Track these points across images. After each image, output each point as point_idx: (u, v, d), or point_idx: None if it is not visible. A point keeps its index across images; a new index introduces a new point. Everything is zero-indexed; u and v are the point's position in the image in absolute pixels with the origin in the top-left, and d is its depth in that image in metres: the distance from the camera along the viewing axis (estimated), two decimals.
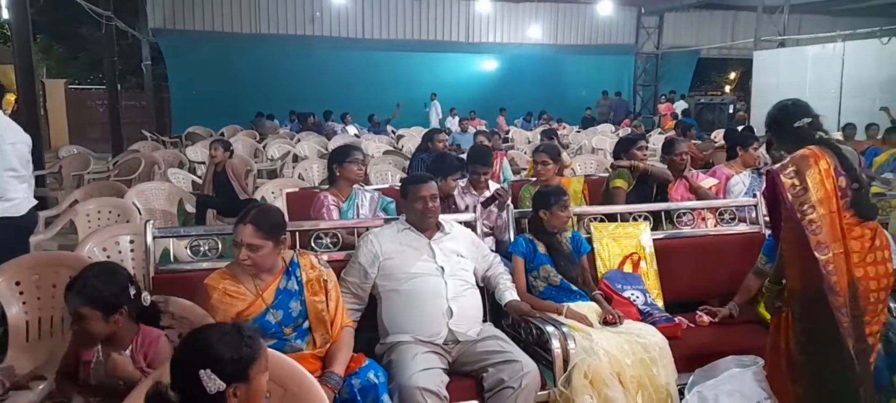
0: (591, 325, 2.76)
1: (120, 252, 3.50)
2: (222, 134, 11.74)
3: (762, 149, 5.39)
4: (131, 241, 3.51)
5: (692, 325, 3.02)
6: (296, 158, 8.71)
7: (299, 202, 4.05)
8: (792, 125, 2.46)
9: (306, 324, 2.40)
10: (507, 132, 13.14)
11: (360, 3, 16.12)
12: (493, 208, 3.66)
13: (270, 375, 1.65)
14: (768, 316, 2.97)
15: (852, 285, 2.29)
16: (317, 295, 2.43)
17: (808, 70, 12.69)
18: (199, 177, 7.27)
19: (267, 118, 13.59)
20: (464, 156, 5.33)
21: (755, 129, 11.44)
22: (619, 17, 17.94)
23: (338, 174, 3.55)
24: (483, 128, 12.83)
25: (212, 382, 1.46)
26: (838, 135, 8.61)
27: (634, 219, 3.53)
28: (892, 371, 2.63)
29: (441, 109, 15.17)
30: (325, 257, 2.78)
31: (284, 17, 15.84)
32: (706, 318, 3.03)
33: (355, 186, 3.63)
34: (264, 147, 9.83)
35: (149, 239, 2.79)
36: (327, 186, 3.70)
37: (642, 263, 3.33)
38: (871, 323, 2.37)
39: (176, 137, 12.70)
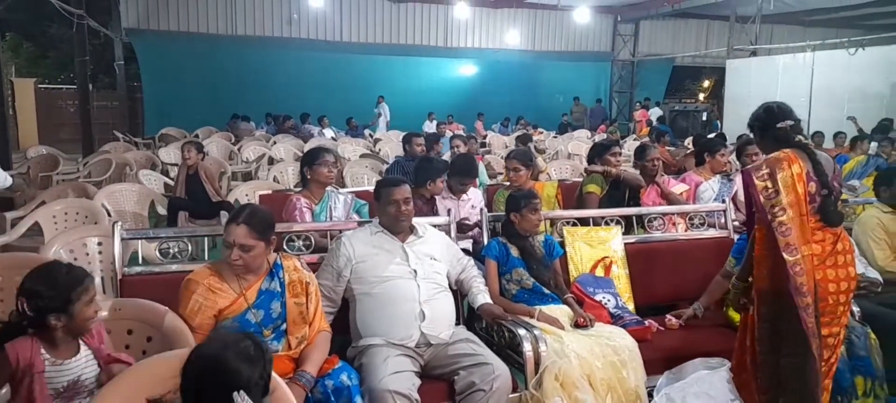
0: (562, 328, 2.79)
1: (87, 254, 3.44)
2: (197, 135, 11.59)
3: (733, 156, 5.50)
4: (99, 243, 3.46)
5: (662, 328, 3.06)
6: (271, 161, 8.64)
7: (273, 204, 4.00)
8: (775, 125, 2.51)
9: (284, 326, 2.39)
10: (485, 137, 13.19)
11: (338, 6, 16.06)
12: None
13: None
14: (736, 318, 3.03)
15: (815, 287, 2.36)
16: (297, 297, 2.42)
17: (778, 78, 12.98)
18: (172, 179, 7.18)
19: (242, 120, 13.45)
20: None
21: (727, 136, 11.69)
22: (595, 25, 18.14)
23: (309, 176, 3.56)
24: (460, 132, 12.90)
25: (244, 401, 1.45)
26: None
27: (606, 224, 3.57)
28: (854, 374, 2.70)
29: (389, 112, 14.91)
30: (305, 259, 2.76)
31: (261, 18, 15.72)
32: (675, 321, 3.07)
33: (328, 189, 3.62)
34: (239, 149, 9.73)
35: (117, 240, 2.74)
36: (300, 189, 3.69)
37: (614, 267, 3.37)
38: (830, 325, 2.43)
39: (149, 139, 12.50)
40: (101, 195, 4.93)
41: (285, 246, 2.97)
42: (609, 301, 3.16)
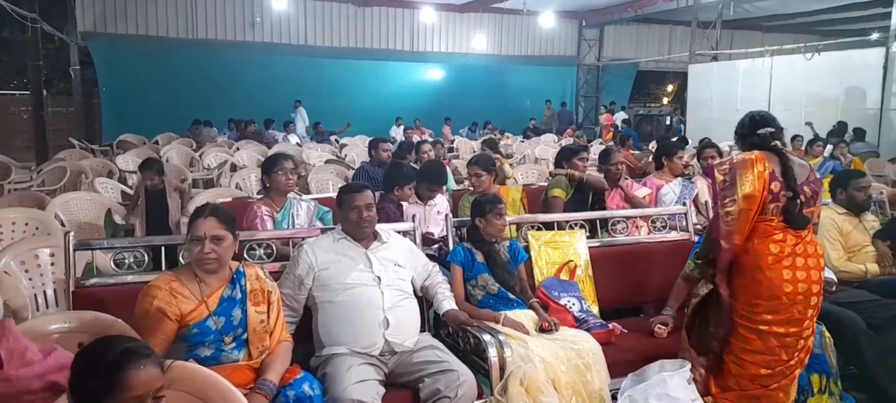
0: (527, 333, 2.79)
1: (39, 265, 3.31)
2: (156, 142, 11.34)
3: (694, 159, 5.60)
4: (52, 255, 3.33)
5: (625, 331, 3.08)
6: (234, 167, 8.49)
7: (233, 212, 3.93)
8: (755, 132, 2.66)
9: (245, 336, 2.33)
10: (453, 141, 13.21)
11: (302, 10, 15.90)
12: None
13: (193, 389, 1.59)
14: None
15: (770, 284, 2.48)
16: (259, 305, 2.38)
17: (739, 83, 13.31)
18: (130, 187, 7.00)
19: (204, 125, 13.22)
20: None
21: (690, 139, 11.92)
22: (561, 30, 18.33)
23: (267, 184, 3.51)
24: (427, 137, 12.89)
25: None
26: None
27: (571, 228, 3.59)
28: (810, 371, 2.76)
29: (307, 117, 14.61)
30: (267, 268, 2.72)
31: (223, 21, 15.46)
32: (664, 329, 3.05)
33: (290, 195, 3.56)
34: (201, 156, 9.53)
35: (68, 251, 2.65)
36: (261, 196, 3.62)
37: (578, 270, 3.39)
38: (787, 324, 2.49)
39: (106, 145, 12.16)
40: (54, 204, 4.76)
41: (246, 255, 2.91)
42: (574, 304, 3.17)
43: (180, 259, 2.74)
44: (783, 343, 2.51)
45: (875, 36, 13.61)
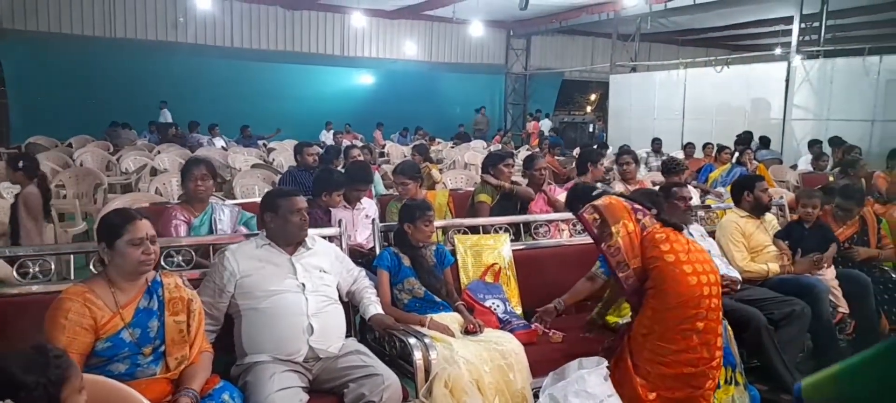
0: (452, 335, 2.83)
1: None
2: (70, 144, 10.75)
3: (614, 165, 5.84)
4: None
5: (546, 332, 3.18)
6: (155, 172, 8.16)
7: (150, 217, 3.78)
8: (585, 201, 2.95)
9: (162, 347, 2.26)
10: (384, 146, 13.18)
11: (228, 11, 15.45)
12: None
13: None
14: (613, 321, 3.23)
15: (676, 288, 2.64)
16: (178, 315, 2.30)
17: (656, 93, 13.95)
18: None
19: (123, 127, 12.62)
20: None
21: (611, 146, 12.38)
22: (489, 38, 18.64)
23: (182, 190, 3.40)
24: (358, 142, 12.80)
25: None
26: (680, 153, 9.53)
27: (495, 231, 3.68)
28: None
29: (171, 118, 14.09)
30: (186, 276, 2.64)
31: (143, 20, 14.81)
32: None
33: (212, 201, 3.47)
34: (118, 159, 9.11)
35: None
36: (180, 201, 3.51)
37: (502, 273, 3.47)
38: (705, 318, 2.68)
39: (14, 147, 11.39)
40: None
41: (164, 262, 2.82)
42: (498, 306, 3.25)
43: (91, 267, 2.63)
44: (704, 340, 2.68)
45: (778, 51, 14.61)
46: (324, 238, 3.06)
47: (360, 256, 3.76)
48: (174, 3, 14.91)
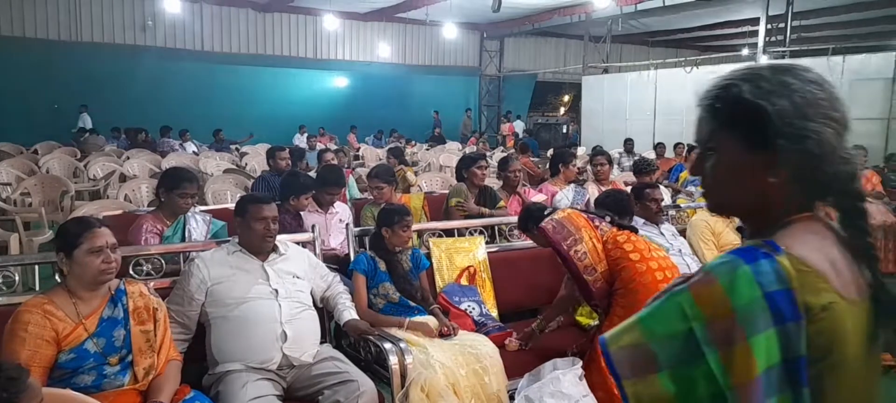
0: (432, 334, 2.83)
1: None
2: (35, 151, 10.48)
3: (587, 165, 5.90)
4: None
5: (520, 344, 3.16)
6: (123, 178, 8.00)
7: (120, 226, 3.71)
8: (541, 214, 2.97)
9: (129, 357, 2.22)
10: (358, 150, 13.12)
11: (198, 14, 15.24)
12: None
13: None
14: (586, 322, 3.26)
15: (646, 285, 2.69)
16: (144, 324, 2.27)
17: (627, 93, 14.13)
18: (5, 202, 6.45)
19: (90, 133, 12.35)
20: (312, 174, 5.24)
21: (584, 146, 12.50)
22: (463, 40, 18.69)
23: (163, 199, 3.31)
24: (332, 145, 12.73)
25: None
26: (652, 153, 9.66)
27: (470, 234, 3.69)
28: None
29: (90, 122, 13.53)
30: (151, 285, 2.60)
31: (110, 23, 14.52)
32: (515, 343, 3.06)
33: None
34: (86, 166, 8.91)
35: None
36: (152, 209, 3.44)
37: (478, 276, 3.48)
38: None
39: None
40: None
41: (132, 271, 2.77)
42: (473, 309, 3.26)
43: (57, 278, 2.56)
44: None
45: (745, 51, 14.89)
46: (297, 243, 3.03)
47: (334, 262, 3.74)
48: (143, 5, 14.66)
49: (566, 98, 21.64)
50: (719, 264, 0.86)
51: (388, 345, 2.66)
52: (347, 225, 3.57)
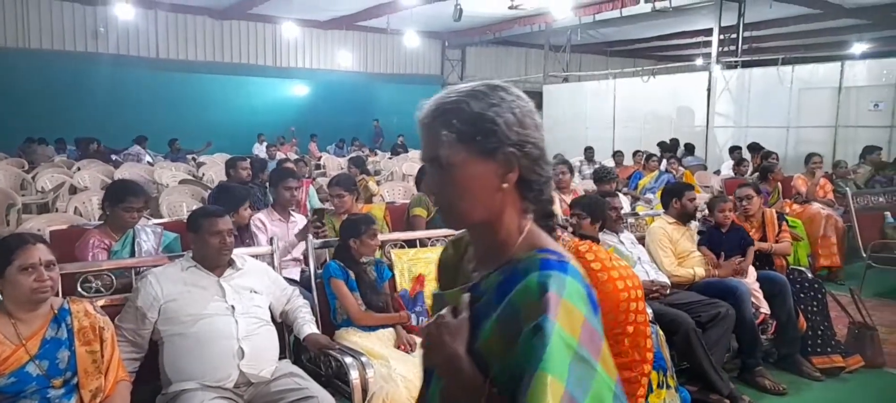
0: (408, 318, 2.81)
1: None
2: None
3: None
4: None
5: None
6: (74, 190, 7.72)
7: (67, 241, 3.57)
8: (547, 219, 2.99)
9: (75, 380, 2.12)
10: (320, 159, 12.97)
11: (153, 20, 14.86)
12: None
13: None
14: None
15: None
16: (90, 344, 2.17)
17: (587, 102, 14.33)
18: None
19: (38, 143, 11.91)
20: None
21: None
22: (425, 49, 18.72)
23: (108, 213, 3.19)
24: (293, 154, 12.55)
25: None
26: (610, 161, 9.81)
27: (433, 244, 3.67)
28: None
29: None
30: (100, 302, 2.50)
31: (61, 30, 14.04)
32: None
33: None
34: (34, 177, 8.57)
35: None
36: (100, 224, 3.31)
37: (426, 281, 3.44)
38: (635, 322, 2.74)
39: None
40: None
41: (80, 288, 2.66)
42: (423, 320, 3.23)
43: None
44: (634, 342, 2.75)
45: (700, 62, 15.31)
46: (255, 257, 2.96)
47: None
48: (94, 12, 14.22)
49: None
50: (549, 280, 0.91)
51: (349, 360, 2.62)
52: (308, 237, 3.51)
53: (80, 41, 14.25)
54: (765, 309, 3.89)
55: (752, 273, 4.01)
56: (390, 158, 13.07)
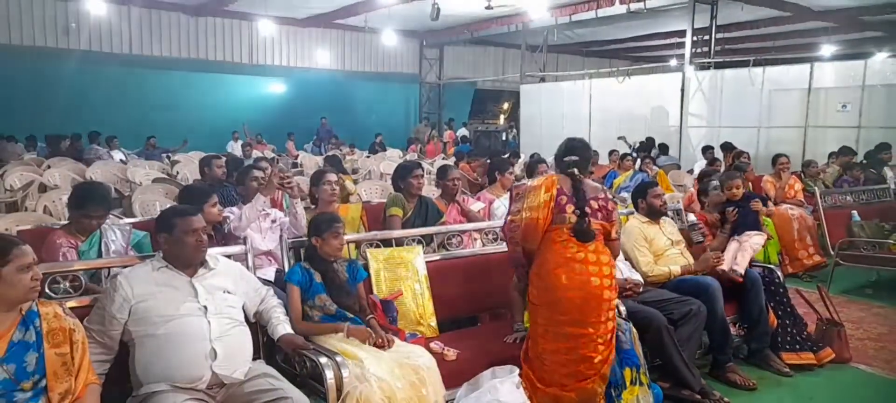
0: (374, 342, 2.78)
1: None
2: None
3: (524, 173, 5.98)
4: None
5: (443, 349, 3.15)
6: (43, 188, 7.55)
7: (36, 241, 3.49)
8: (563, 158, 3.11)
9: (44, 382, 2.08)
10: (297, 157, 12.88)
11: (126, 16, 14.58)
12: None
13: None
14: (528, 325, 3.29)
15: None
16: (60, 347, 2.13)
17: (564, 102, 14.43)
18: None
19: (7, 141, 11.66)
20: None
21: (522, 153, 12.68)
22: (402, 48, 18.67)
23: (71, 216, 3.13)
24: (269, 153, 12.44)
25: None
26: None
27: (409, 243, 3.66)
28: (622, 367, 3.05)
29: None
30: (69, 304, 2.46)
31: (29, 25, 13.70)
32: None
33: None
34: (2, 175, 8.37)
35: None
36: (64, 223, 3.24)
37: (416, 286, 3.45)
38: (578, 324, 2.80)
39: None
40: None
41: (48, 289, 2.61)
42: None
43: None
44: (580, 342, 2.82)
45: (673, 62, 15.49)
46: (226, 256, 2.93)
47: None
48: (65, 7, 13.91)
49: (505, 106, 21.94)
50: None
51: (323, 360, 2.61)
52: (282, 235, 3.48)
53: (50, 36, 13.92)
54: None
55: (745, 260, 4.09)
56: (368, 157, 13.02)
